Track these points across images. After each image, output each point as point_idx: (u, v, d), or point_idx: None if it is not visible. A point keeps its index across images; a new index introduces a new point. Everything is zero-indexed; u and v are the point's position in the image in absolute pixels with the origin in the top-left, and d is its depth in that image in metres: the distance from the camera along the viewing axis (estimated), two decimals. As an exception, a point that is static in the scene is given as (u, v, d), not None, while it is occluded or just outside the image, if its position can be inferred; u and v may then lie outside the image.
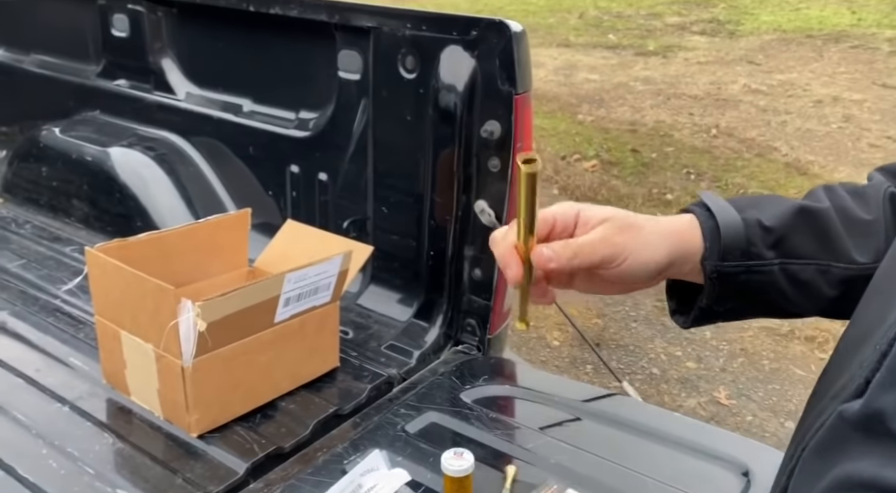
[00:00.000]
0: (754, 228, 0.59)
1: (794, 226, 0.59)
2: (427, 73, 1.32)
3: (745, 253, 0.59)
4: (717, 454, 1.09)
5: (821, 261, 0.59)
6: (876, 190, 0.62)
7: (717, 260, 0.59)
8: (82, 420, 1.13)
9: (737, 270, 0.59)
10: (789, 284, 0.59)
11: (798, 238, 0.59)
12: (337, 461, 1.07)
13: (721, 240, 0.59)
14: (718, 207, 0.60)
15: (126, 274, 1.08)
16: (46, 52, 2.04)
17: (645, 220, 0.60)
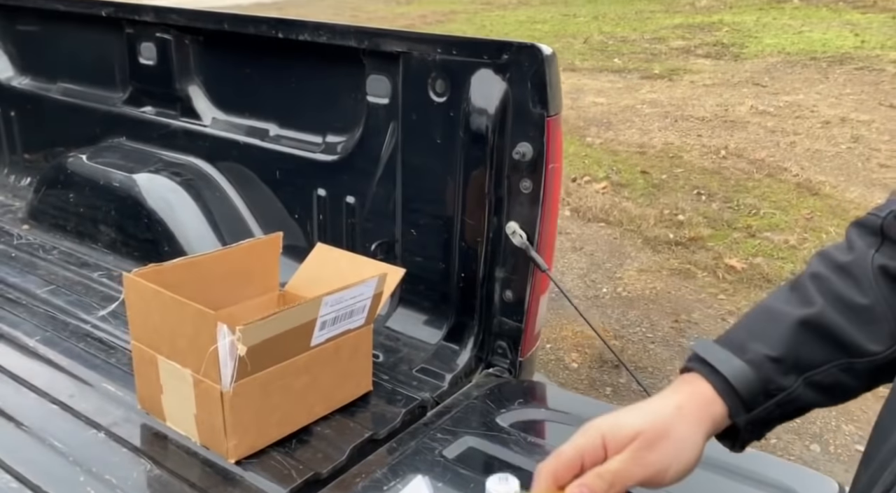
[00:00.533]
0: (764, 365, 0.58)
1: (801, 343, 0.59)
2: (457, 97, 1.33)
3: (768, 393, 0.58)
4: (764, 479, 1.08)
5: (840, 361, 0.58)
6: (863, 264, 0.60)
7: (745, 414, 0.58)
8: (118, 447, 1.13)
9: (766, 412, 0.59)
10: (817, 392, 0.59)
11: (808, 351, 0.58)
12: (377, 486, 1.06)
13: (739, 396, 0.58)
14: (719, 360, 0.59)
15: (165, 299, 1.08)
16: (73, 80, 2.07)
17: (672, 417, 0.58)
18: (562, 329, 3.05)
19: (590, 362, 2.87)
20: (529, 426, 1.22)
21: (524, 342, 1.42)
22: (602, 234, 3.92)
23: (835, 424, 2.55)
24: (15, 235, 1.91)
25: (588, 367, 2.84)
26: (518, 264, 1.38)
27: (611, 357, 2.89)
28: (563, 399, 1.41)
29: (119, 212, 1.80)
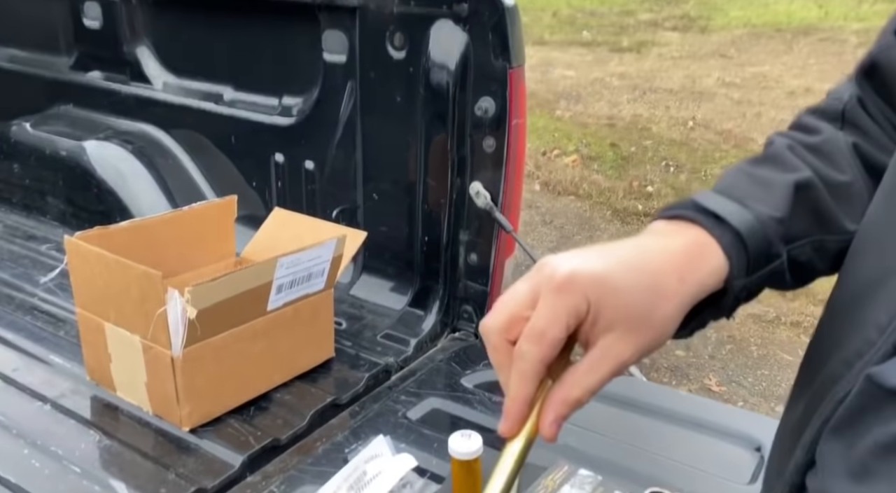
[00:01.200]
0: (770, 226, 0.49)
1: (794, 209, 0.51)
2: (416, 51, 1.28)
3: (768, 257, 0.49)
4: (729, 430, 1.07)
5: (814, 237, 0.51)
6: (835, 143, 0.55)
7: (745, 277, 0.48)
8: (66, 418, 1.08)
9: (762, 279, 0.49)
10: (789, 270, 0.51)
11: (796, 219, 0.51)
12: (338, 449, 1.03)
13: (748, 253, 0.48)
14: (728, 211, 0.49)
15: (109, 261, 1.03)
16: (15, 45, 1.96)
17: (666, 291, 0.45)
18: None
19: (560, 331, 2.87)
20: (495, 386, 1.19)
21: (490, 306, 1.39)
22: (572, 207, 3.91)
23: (800, 385, 2.59)
24: (-43, 209, 1.83)
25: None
26: (482, 226, 1.35)
27: (581, 327, 2.89)
28: (530, 360, 1.39)
29: (67, 182, 1.73)
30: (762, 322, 2.93)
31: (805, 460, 0.45)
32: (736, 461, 1.02)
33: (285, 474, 0.98)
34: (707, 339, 2.83)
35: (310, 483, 0.95)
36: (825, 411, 0.44)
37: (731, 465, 1.01)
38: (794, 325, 2.89)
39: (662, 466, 0.99)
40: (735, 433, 1.06)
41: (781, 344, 2.80)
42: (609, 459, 1.00)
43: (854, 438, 0.40)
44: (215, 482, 0.96)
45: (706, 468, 0.98)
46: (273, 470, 1.00)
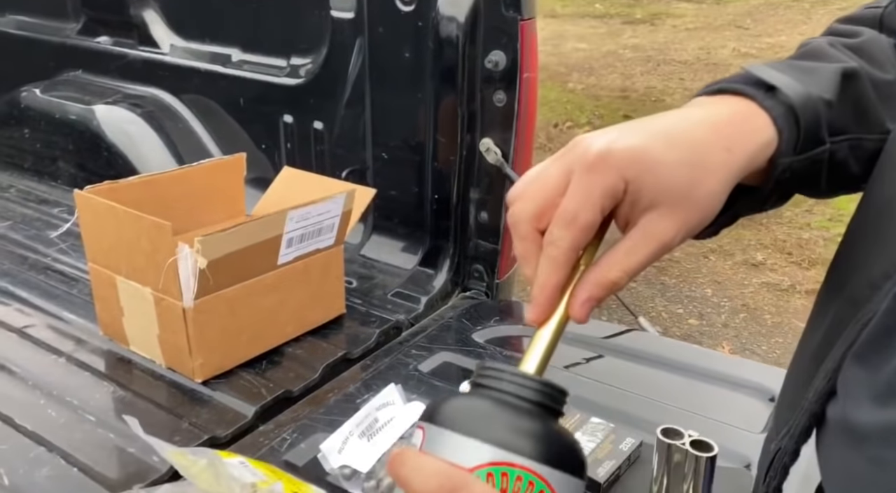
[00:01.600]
0: (820, 105, 0.45)
1: (840, 97, 0.47)
2: (426, 4, 1.26)
3: (817, 139, 0.45)
4: (741, 381, 1.06)
5: (853, 135, 0.47)
6: (879, 46, 0.51)
7: (792, 155, 0.44)
8: (80, 371, 1.08)
9: (806, 163, 0.45)
10: (826, 167, 0.47)
11: (839, 111, 0.47)
12: (349, 400, 1.03)
13: (800, 128, 0.44)
14: (783, 83, 0.45)
15: (119, 213, 1.03)
16: (23, 12, 1.95)
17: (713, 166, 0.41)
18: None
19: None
20: (506, 341, 1.19)
21: (501, 265, 1.38)
22: (584, 177, 3.88)
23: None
24: (-30, 175, 1.84)
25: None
26: (493, 183, 1.34)
27: (593, 296, 2.87)
28: (542, 317, 1.38)
29: (77, 147, 1.73)
30: (777, 291, 2.90)
31: (826, 387, 0.44)
32: (749, 410, 1.01)
33: (297, 423, 0.99)
34: (720, 308, 2.81)
35: (322, 431, 0.95)
36: (849, 336, 0.41)
37: (744, 414, 1.00)
38: (810, 293, 2.86)
39: (674, 415, 0.98)
40: (748, 384, 1.05)
41: (796, 312, 2.78)
42: (621, 409, 1.00)
43: (880, 362, 0.38)
44: (228, 431, 0.97)
45: (719, 417, 0.98)
46: (285, 420, 1.01)
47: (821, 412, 0.44)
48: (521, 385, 0.37)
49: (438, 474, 0.34)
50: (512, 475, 0.34)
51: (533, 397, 0.37)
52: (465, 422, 0.36)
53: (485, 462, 0.34)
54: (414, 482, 0.34)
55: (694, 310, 2.81)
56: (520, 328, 1.25)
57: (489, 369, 0.38)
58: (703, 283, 2.96)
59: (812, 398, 0.45)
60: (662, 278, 2.99)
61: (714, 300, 2.86)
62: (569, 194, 0.40)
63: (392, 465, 0.36)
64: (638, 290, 2.95)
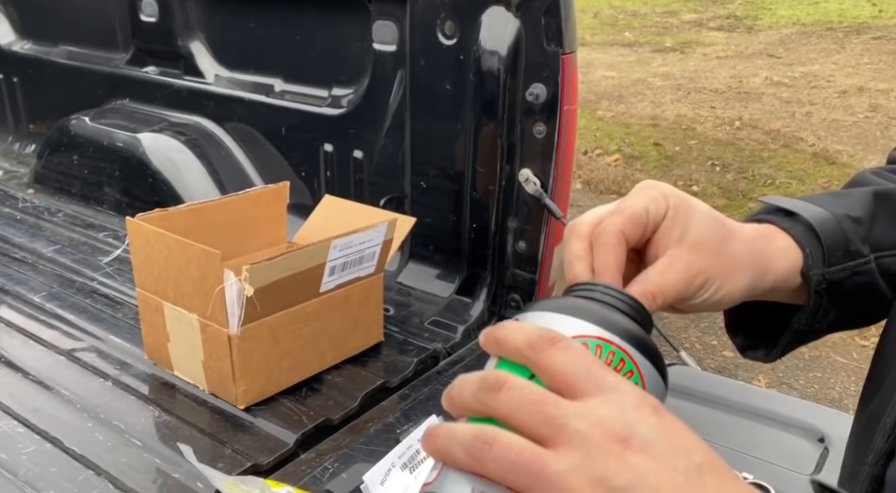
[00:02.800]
0: (844, 222, 0.50)
1: (875, 214, 0.52)
2: (467, 38, 1.29)
3: (847, 253, 0.50)
4: (790, 420, 1.04)
5: None
6: None
7: (823, 267, 0.49)
8: (126, 394, 1.10)
9: (844, 274, 0.50)
10: (884, 280, 0.51)
11: (881, 227, 0.52)
12: (389, 430, 1.03)
13: (822, 242, 0.49)
14: (798, 207, 0.51)
15: (169, 241, 1.05)
16: (74, 43, 2.03)
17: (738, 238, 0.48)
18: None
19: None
20: (545, 372, 1.18)
21: (538, 295, 1.38)
22: (614, 205, 3.87)
23: (855, 389, 2.50)
24: (20, 198, 1.89)
25: (602, 335, 2.81)
26: (531, 213, 1.34)
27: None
28: (580, 349, 1.37)
29: (123, 173, 1.78)
30: (814, 324, 2.85)
31: (885, 447, 0.43)
32: (798, 451, 0.98)
33: (338, 452, 0.99)
34: (756, 340, 2.76)
35: (363, 461, 0.95)
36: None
37: (794, 455, 0.98)
38: (848, 327, 2.80)
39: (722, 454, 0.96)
40: (797, 424, 1.03)
41: (834, 346, 2.71)
42: (664, 445, 0.98)
43: None
44: (270, 458, 0.98)
45: (768, 458, 0.96)
46: (326, 449, 1.01)
47: (881, 474, 0.43)
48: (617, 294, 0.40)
49: (538, 329, 0.35)
50: (605, 349, 0.35)
51: (628, 302, 0.40)
52: (563, 306, 0.37)
53: (582, 334, 0.35)
54: (511, 337, 0.35)
55: (728, 342, 2.74)
56: (558, 360, 1.24)
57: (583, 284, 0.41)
58: (737, 314, 2.91)
59: (872, 461, 0.44)
60: (695, 309, 2.95)
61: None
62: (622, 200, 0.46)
63: (488, 331, 0.37)
64: (671, 320, 2.91)
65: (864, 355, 2.61)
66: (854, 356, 2.67)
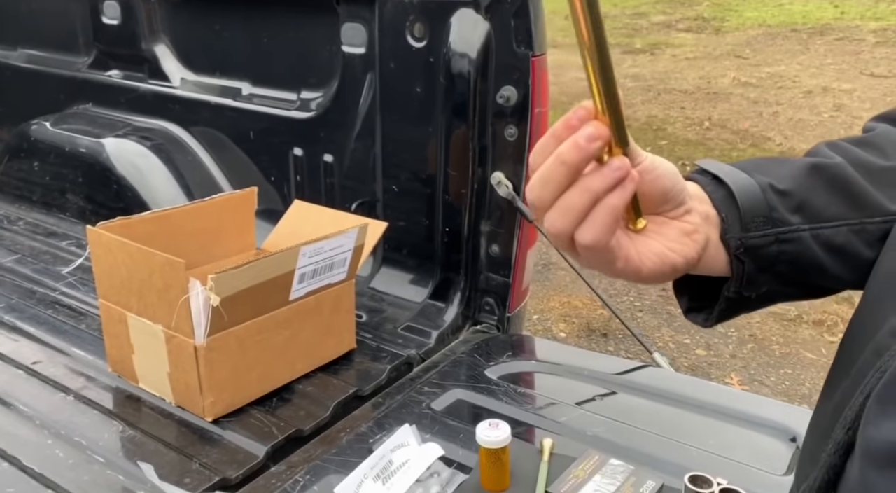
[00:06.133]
0: (768, 192, 0.51)
1: (812, 186, 0.52)
2: (437, 41, 1.27)
3: (769, 220, 0.50)
4: (762, 420, 1.04)
5: (852, 221, 0.52)
6: (888, 136, 0.55)
7: (739, 231, 0.50)
8: (88, 409, 1.07)
9: (765, 240, 0.50)
10: (825, 251, 0.51)
11: (820, 200, 0.52)
12: (362, 440, 1.01)
13: (739, 208, 0.50)
14: (724, 171, 0.52)
15: (132, 250, 1.02)
16: (34, 46, 1.98)
17: None
18: (549, 300, 3.02)
19: (577, 331, 2.84)
20: (519, 377, 1.17)
21: (512, 298, 1.37)
22: (587, 206, 3.88)
23: (824, 384, 2.54)
24: (-22, 207, 1.84)
25: (576, 336, 2.82)
26: (504, 216, 1.34)
27: (598, 326, 2.86)
28: (552, 350, 1.37)
29: (87, 179, 1.73)
30: (783, 321, 2.89)
31: (845, 439, 0.43)
32: (771, 451, 0.99)
33: (310, 464, 0.97)
34: (727, 338, 2.79)
35: (335, 473, 0.93)
36: (869, 384, 0.42)
37: (766, 456, 0.98)
38: (817, 323, 2.85)
39: (695, 456, 0.97)
40: (769, 424, 1.03)
41: (804, 343, 2.76)
42: (640, 449, 0.98)
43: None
44: (239, 471, 0.95)
45: (740, 459, 0.96)
46: (297, 460, 0.99)
47: (840, 464, 0.43)
48: None
49: None
50: None
51: None
52: None
53: None
54: None
55: (701, 340, 2.79)
56: (533, 364, 1.24)
57: None
58: (709, 312, 2.94)
59: (831, 451, 0.44)
60: (668, 308, 2.98)
61: (721, 330, 2.84)
62: None
63: None
64: (644, 319, 2.93)
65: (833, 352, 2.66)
66: (823, 352, 2.72)
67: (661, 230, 0.49)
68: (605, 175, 0.43)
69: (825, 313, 2.90)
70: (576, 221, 0.44)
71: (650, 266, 0.48)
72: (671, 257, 0.49)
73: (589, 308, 2.96)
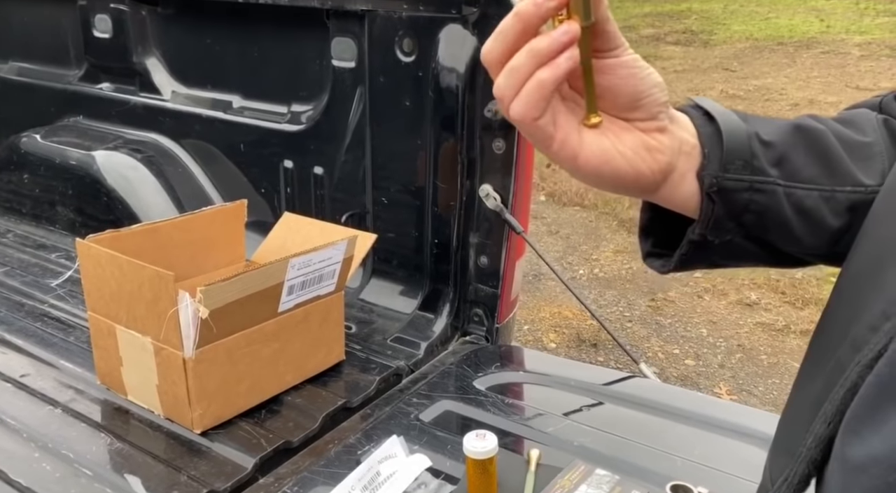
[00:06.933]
0: (754, 140, 0.51)
1: (794, 144, 0.52)
2: (426, 55, 1.29)
3: (748, 166, 0.50)
4: (745, 430, 1.05)
5: (824, 186, 0.52)
6: (866, 116, 0.57)
7: (717, 170, 0.50)
8: (76, 422, 1.07)
9: (739, 185, 0.50)
10: (793, 211, 0.52)
11: (799, 159, 0.52)
12: (350, 451, 1.02)
13: (723, 147, 0.50)
14: (716, 110, 0.51)
15: (121, 263, 1.03)
16: (25, 58, 1.98)
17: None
18: (539, 311, 3.03)
19: (567, 341, 2.85)
20: (507, 388, 1.18)
21: (500, 309, 1.39)
22: (577, 217, 3.91)
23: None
24: (-33, 219, 1.83)
25: (566, 347, 2.83)
26: (492, 228, 1.35)
27: (588, 337, 2.87)
28: (542, 361, 1.38)
29: (77, 192, 1.73)
30: (771, 331, 2.91)
31: (826, 433, 0.44)
32: (753, 460, 1.00)
33: (298, 476, 0.97)
34: (716, 348, 2.81)
35: (323, 485, 0.94)
36: (850, 378, 0.42)
37: (751, 466, 0.99)
38: (804, 333, 2.87)
39: (679, 465, 0.98)
40: (754, 434, 1.04)
41: (791, 352, 2.78)
42: (625, 459, 0.99)
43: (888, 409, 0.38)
44: (227, 484, 0.95)
45: (724, 468, 0.97)
46: (286, 472, 0.99)
47: (821, 458, 0.44)
48: None
49: None
50: None
51: None
52: None
53: None
54: None
55: (690, 350, 2.81)
56: (521, 375, 1.25)
57: None
58: (698, 322, 2.96)
59: (811, 444, 0.45)
60: (658, 318, 3.00)
61: (710, 340, 2.86)
62: None
63: None
64: (633, 329, 2.95)
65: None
66: (811, 362, 2.74)
67: (619, 133, 0.49)
68: (551, 37, 0.43)
69: (812, 323, 2.91)
70: (516, 87, 0.44)
71: (588, 158, 0.47)
72: (617, 161, 0.48)
73: (579, 318, 2.98)
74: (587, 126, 0.47)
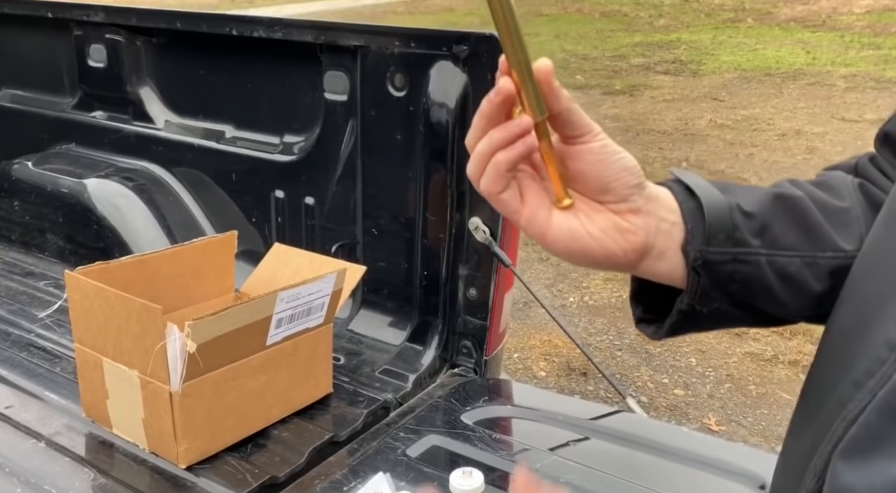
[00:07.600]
0: (735, 212, 0.53)
1: (775, 214, 0.54)
2: (417, 91, 1.31)
3: (731, 238, 0.52)
4: (732, 467, 1.06)
5: (805, 253, 0.54)
6: (843, 180, 0.58)
7: (701, 244, 0.51)
8: (60, 456, 1.06)
9: (723, 257, 0.52)
10: (777, 278, 0.53)
11: (780, 227, 0.54)
12: (336, 488, 1.01)
13: (706, 221, 0.51)
14: (697, 185, 0.53)
15: (109, 296, 1.03)
16: (19, 86, 1.99)
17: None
18: (529, 338, 3.04)
19: (557, 370, 2.85)
20: (495, 422, 1.18)
21: (489, 341, 1.39)
22: (568, 244, 3.93)
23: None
24: (-45, 246, 1.83)
25: (556, 375, 2.82)
26: (482, 260, 1.36)
27: (578, 365, 2.87)
28: (530, 396, 1.38)
29: (67, 219, 1.73)
30: (760, 361, 2.92)
31: (816, 487, 0.45)
32: (740, 498, 1.00)
33: (283, 512, 0.96)
34: (705, 378, 2.81)
35: (308, 522, 0.93)
36: (836, 433, 0.43)
37: (736, 503, 0.99)
38: (793, 363, 2.88)
39: (666, 503, 0.98)
40: (738, 470, 1.05)
41: (780, 383, 2.79)
42: (612, 496, 0.99)
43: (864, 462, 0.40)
44: (211, 520, 0.94)
45: (710, 506, 0.97)
46: (270, 509, 0.98)
47: None
48: None
49: None
50: None
51: None
52: None
53: None
54: None
55: (679, 380, 2.81)
56: (509, 409, 1.25)
57: None
58: (687, 352, 2.97)
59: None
60: (647, 347, 3.00)
61: (699, 370, 2.87)
62: None
63: None
64: (623, 358, 2.95)
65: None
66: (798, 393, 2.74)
67: (591, 214, 0.51)
68: (504, 127, 0.48)
69: (801, 353, 2.93)
70: (480, 169, 0.50)
71: (557, 236, 0.50)
72: (586, 241, 0.50)
73: (569, 347, 2.98)
74: (558, 208, 0.50)
